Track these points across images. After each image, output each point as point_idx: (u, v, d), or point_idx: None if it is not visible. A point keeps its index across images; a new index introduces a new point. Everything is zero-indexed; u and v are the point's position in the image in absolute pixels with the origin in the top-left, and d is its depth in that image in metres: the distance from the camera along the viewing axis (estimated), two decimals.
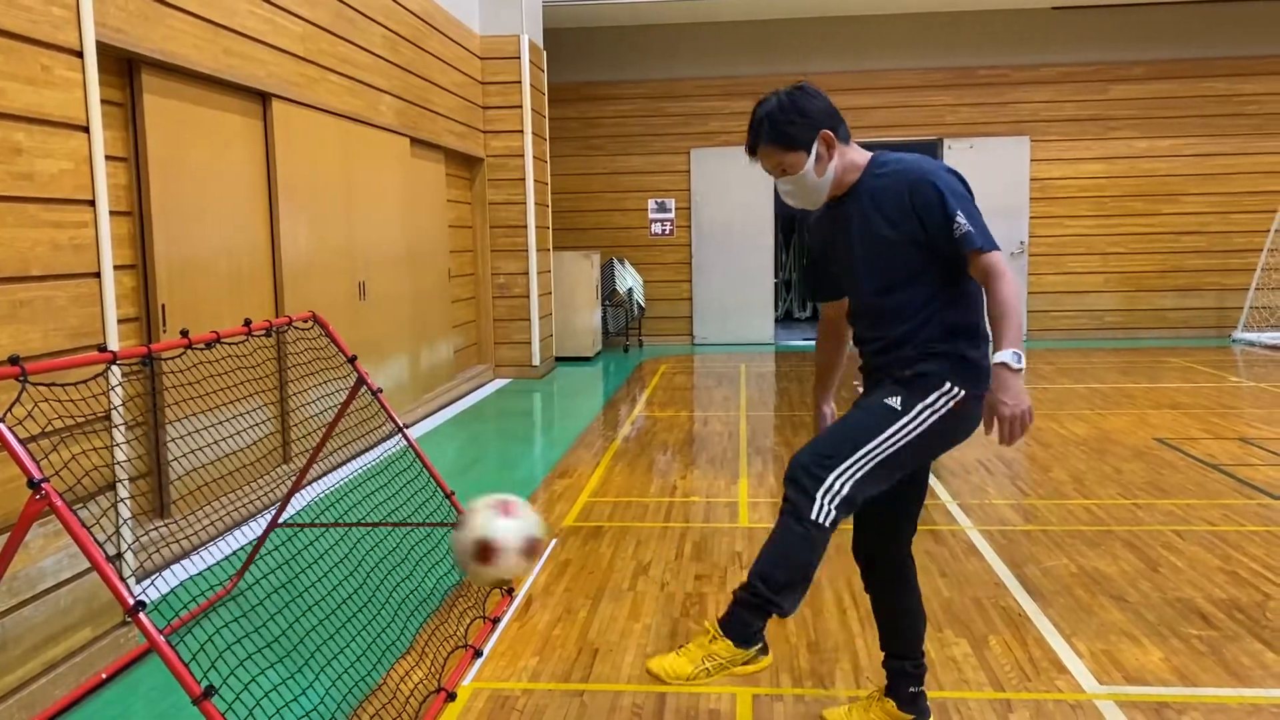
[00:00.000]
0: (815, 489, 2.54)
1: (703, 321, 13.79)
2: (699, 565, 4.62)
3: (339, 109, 6.83)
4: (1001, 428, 2.50)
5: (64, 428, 3.28)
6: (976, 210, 2.62)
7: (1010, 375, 2.49)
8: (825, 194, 2.77)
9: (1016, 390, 2.49)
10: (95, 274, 3.67)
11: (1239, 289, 13.04)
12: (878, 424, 2.61)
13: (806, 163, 2.69)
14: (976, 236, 2.56)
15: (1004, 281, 2.54)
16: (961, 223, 2.57)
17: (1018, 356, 2.49)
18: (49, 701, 3.29)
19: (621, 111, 13.60)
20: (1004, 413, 2.48)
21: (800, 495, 2.56)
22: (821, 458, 2.59)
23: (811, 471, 2.57)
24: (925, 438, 2.63)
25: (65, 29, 3.49)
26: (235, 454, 5.04)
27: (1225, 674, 3.39)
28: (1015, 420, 2.48)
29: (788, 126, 2.67)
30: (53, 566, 3.37)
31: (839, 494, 2.55)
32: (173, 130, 4.97)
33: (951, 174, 2.67)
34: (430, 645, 3.69)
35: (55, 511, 2.41)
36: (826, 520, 2.53)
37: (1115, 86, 13.06)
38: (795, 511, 2.55)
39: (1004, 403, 2.48)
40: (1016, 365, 2.48)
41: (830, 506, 2.54)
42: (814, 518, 2.53)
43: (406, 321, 8.26)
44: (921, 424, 2.62)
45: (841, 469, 2.57)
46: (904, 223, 2.64)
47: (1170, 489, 5.74)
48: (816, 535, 2.54)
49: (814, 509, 2.53)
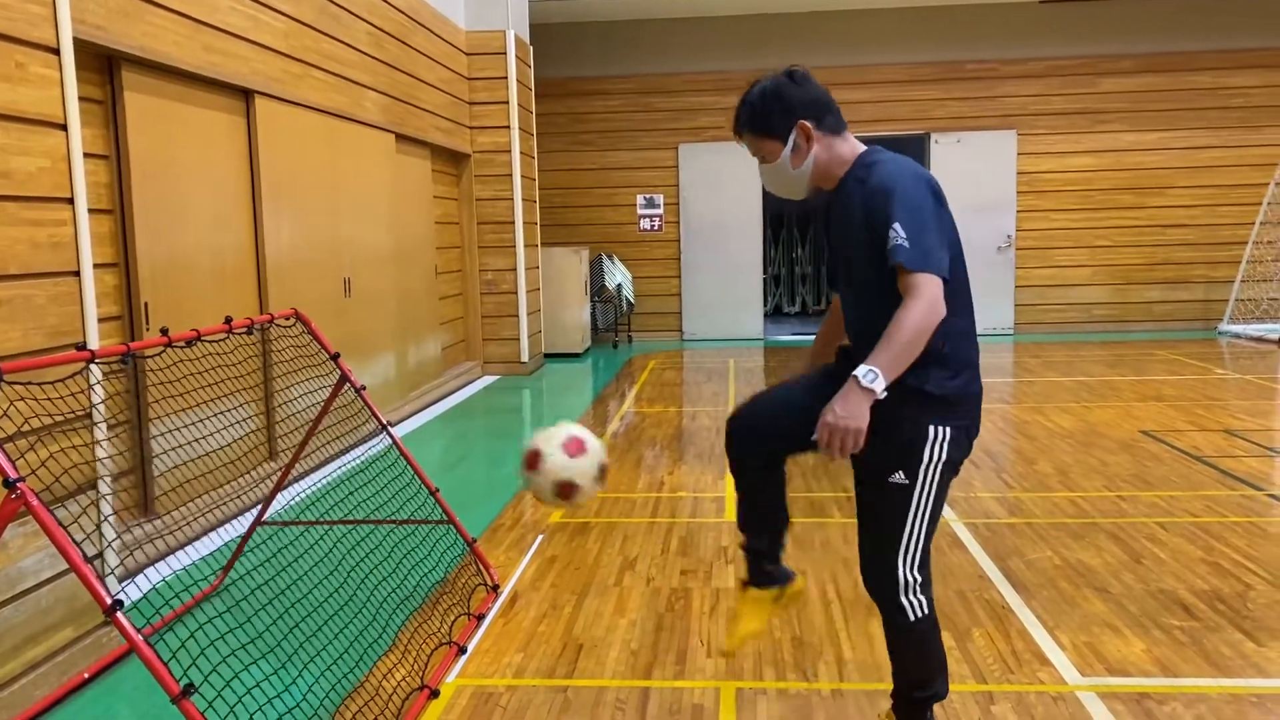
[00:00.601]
0: (898, 595, 2.65)
1: (692, 317, 13.79)
2: (685, 560, 4.62)
3: (323, 106, 6.80)
4: (821, 434, 2.41)
5: (43, 426, 3.27)
6: (928, 227, 2.44)
7: (856, 389, 2.37)
8: (804, 185, 2.70)
9: (852, 405, 2.37)
10: (75, 272, 3.65)
11: (1225, 281, 13.09)
12: (900, 507, 2.59)
13: (783, 152, 2.65)
14: (907, 252, 2.38)
15: (916, 304, 2.37)
16: (896, 232, 2.40)
17: (872, 375, 2.35)
18: (30, 702, 3.28)
19: (609, 107, 13.59)
20: (828, 419, 2.39)
21: (892, 608, 2.68)
22: (880, 567, 2.66)
23: (883, 584, 2.67)
24: (943, 485, 2.62)
25: (41, 26, 3.48)
26: (219, 451, 5.02)
27: (1206, 664, 3.40)
28: (834, 432, 2.38)
29: (766, 114, 2.64)
30: (33, 566, 3.35)
31: (916, 583, 2.65)
32: (155, 128, 4.94)
33: (924, 184, 2.51)
34: (414, 642, 3.68)
35: (31, 511, 2.39)
36: (924, 610, 2.67)
37: (1103, 80, 13.08)
38: (899, 625, 2.69)
39: (834, 410, 2.39)
40: (865, 383, 2.35)
41: (918, 599, 2.66)
42: (914, 620, 2.66)
43: (393, 318, 8.24)
44: (933, 479, 2.58)
45: (902, 565, 2.63)
46: (861, 231, 2.53)
47: (1155, 481, 5.76)
48: (927, 629, 2.70)
49: (909, 613, 2.66)
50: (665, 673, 3.46)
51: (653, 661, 3.55)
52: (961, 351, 2.58)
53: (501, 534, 5.11)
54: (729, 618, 2.92)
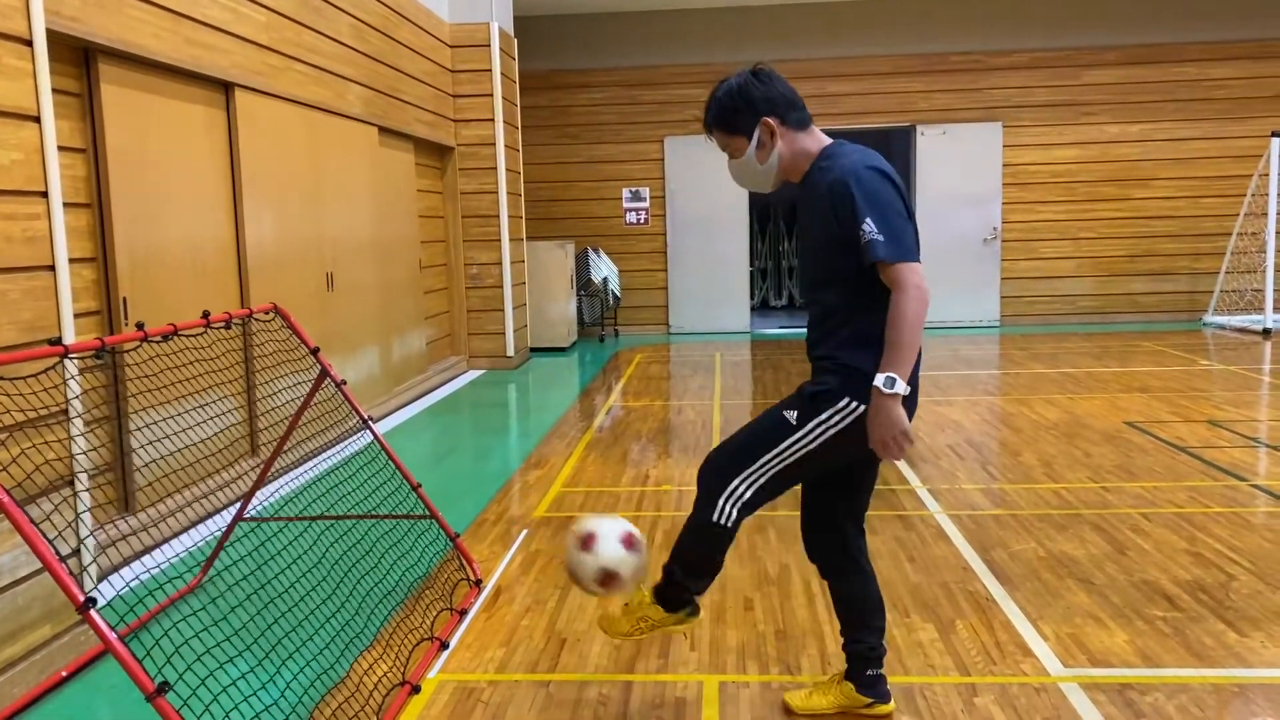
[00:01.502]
0: (719, 491, 2.73)
1: (678, 311, 13.77)
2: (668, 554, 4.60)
3: (305, 99, 6.76)
4: (876, 449, 2.61)
5: (16, 423, 3.23)
6: (895, 217, 2.55)
7: (880, 399, 2.54)
8: (770, 180, 2.81)
9: (885, 414, 2.54)
10: (50, 267, 3.62)
11: (1210, 273, 13.13)
12: (775, 436, 2.71)
13: (748, 149, 2.74)
14: (883, 246, 2.51)
15: (904, 296, 2.50)
16: (868, 229, 2.51)
17: (891, 381, 2.51)
18: (7, 701, 3.25)
19: (594, 100, 13.54)
20: (874, 435, 2.58)
21: (705, 497, 2.76)
22: (728, 462, 2.75)
23: (717, 474, 2.75)
24: (819, 452, 2.68)
25: (13, 17, 3.43)
26: (199, 446, 4.98)
27: (1188, 655, 3.41)
28: (886, 445, 2.57)
29: (731, 113, 2.73)
30: (9, 564, 3.32)
31: (740, 498, 2.73)
32: (133, 121, 4.89)
33: (882, 177, 2.60)
34: (396, 638, 3.66)
35: (2, 508, 2.36)
36: (728, 521, 2.73)
37: (1087, 72, 13.10)
38: (700, 512, 2.77)
39: (874, 425, 2.57)
40: (887, 390, 2.51)
41: (732, 509, 2.73)
42: (716, 519, 2.73)
43: (376, 313, 8.20)
44: (815, 439, 2.67)
45: (743, 475, 2.72)
46: (828, 223, 2.63)
47: (1139, 472, 5.77)
48: (719, 534, 2.76)
49: (715, 511, 2.73)
50: (648, 666, 3.45)
51: (636, 655, 3.54)
52: None
53: (486, 529, 5.09)
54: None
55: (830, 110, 12.97)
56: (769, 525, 4.91)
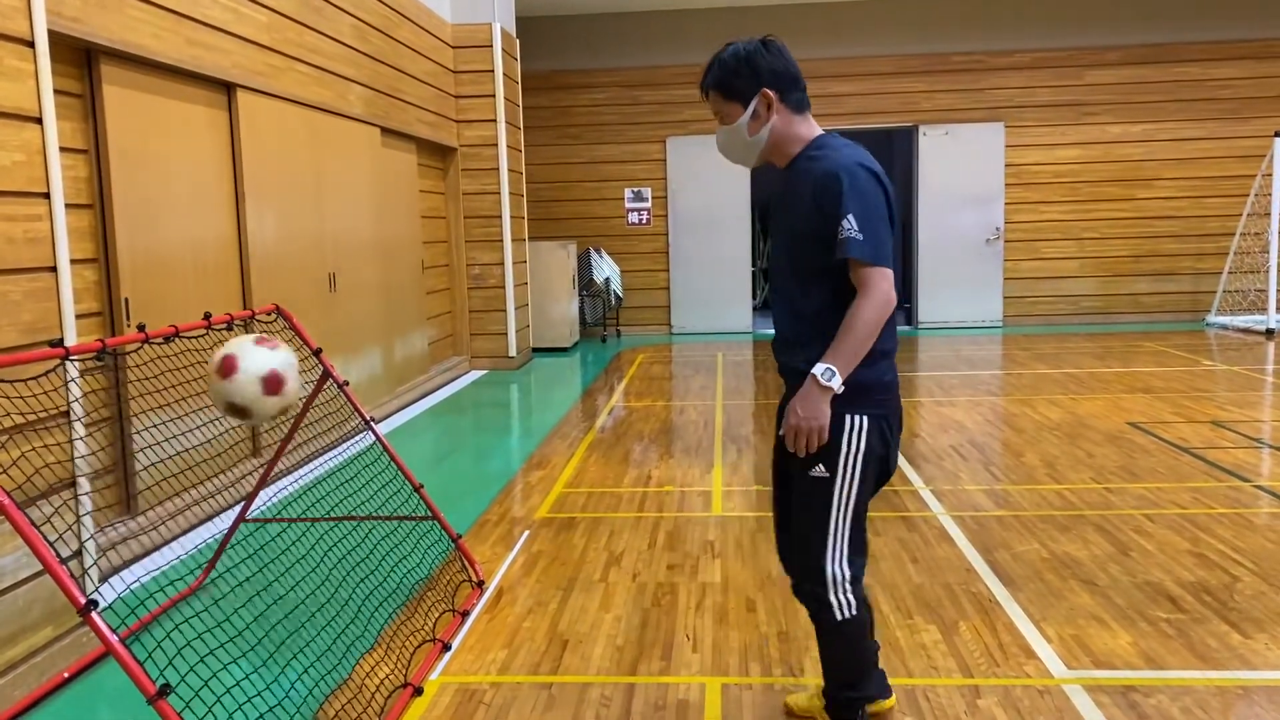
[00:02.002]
0: (825, 593, 2.65)
1: (680, 311, 13.76)
2: (671, 555, 4.60)
3: (307, 99, 6.75)
4: (788, 434, 2.55)
5: (18, 425, 3.22)
6: (877, 221, 2.49)
7: (814, 387, 2.48)
8: (756, 154, 2.73)
9: (812, 403, 2.49)
10: (51, 268, 3.61)
11: (1213, 273, 13.11)
12: (823, 501, 2.62)
13: (742, 117, 2.66)
14: (858, 245, 2.45)
15: (869, 299, 2.46)
16: (848, 225, 2.46)
17: (830, 373, 2.46)
18: (8, 702, 3.24)
19: (596, 100, 13.53)
20: (791, 420, 2.53)
21: (819, 606, 2.68)
22: (809, 559, 2.67)
23: (811, 580, 2.67)
24: (864, 476, 2.62)
25: (14, 18, 3.43)
26: (201, 448, 4.98)
27: (1192, 656, 3.40)
28: (801, 433, 2.52)
29: (733, 76, 2.65)
30: (10, 565, 3.31)
31: (843, 579, 2.65)
32: (134, 122, 4.89)
33: (872, 177, 2.55)
34: (398, 640, 3.66)
35: (3, 510, 2.36)
36: (851, 610, 2.66)
37: (1090, 72, 13.08)
38: (826, 623, 2.69)
39: (796, 411, 2.52)
40: (824, 381, 2.46)
41: (846, 598, 2.66)
42: (841, 616, 2.66)
43: (379, 313, 8.19)
44: (853, 471, 2.60)
45: (829, 560, 2.64)
46: (811, 215, 2.56)
47: (1142, 473, 5.76)
48: (854, 630, 2.69)
49: (836, 611, 2.66)
50: (651, 668, 3.44)
51: (638, 657, 3.53)
52: (881, 343, 2.60)
53: (488, 529, 5.09)
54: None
55: (833, 110, 12.95)
56: (770, 526, 4.89)
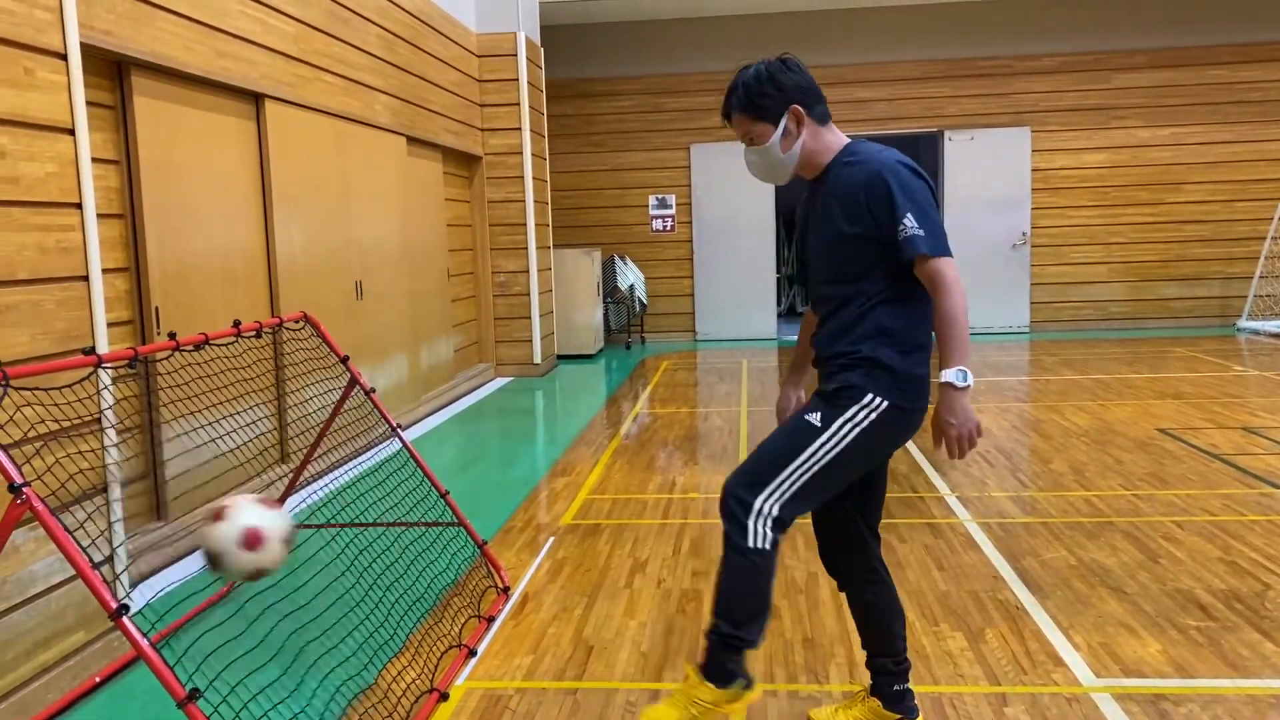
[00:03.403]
0: (745, 516, 2.57)
1: (705, 317, 13.76)
2: (696, 561, 4.60)
3: (334, 109, 6.81)
4: (949, 446, 2.54)
5: (51, 432, 3.27)
6: (932, 213, 2.55)
7: (954, 394, 2.50)
8: (789, 170, 2.75)
9: (961, 409, 2.51)
10: (83, 277, 3.66)
11: (1243, 278, 12.97)
12: (799, 442, 2.60)
13: (773, 135, 2.69)
14: (923, 241, 2.49)
15: (949, 293, 2.49)
16: (908, 224, 2.50)
17: (962, 374, 2.49)
18: (42, 705, 3.29)
19: (620, 108, 13.57)
20: (949, 432, 2.53)
21: (733, 525, 2.59)
22: (748, 482, 2.61)
23: (740, 497, 2.59)
24: (849, 453, 2.59)
25: (48, 31, 3.48)
26: (231, 454, 5.03)
27: (1223, 665, 3.36)
28: (961, 439, 2.52)
29: (759, 97, 2.68)
30: (44, 570, 3.36)
31: (770, 515, 2.57)
32: (164, 132, 4.95)
33: (913, 173, 2.60)
34: (424, 645, 3.68)
35: (37, 516, 2.40)
36: (764, 543, 2.56)
37: (1117, 75, 12.99)
38: (733, 543, 2.59)
39: (949, 422, 2.52)
40: (960, 384, 2.49)
41: (764, 530, 2.56)
42: (751, 544, 2.56)
43: (405, 321, 8.25)
44: (843, 439, 2.58)
45: (768, 492, 2.58)
46: (857, 218, 2.59)
47: (1171, 479, 5.70)
48: (759, 562, 2.56)
49: (749, 536, 2.56)
50: (676, 674, 3.44)
51: (664, 663, 3.53)
52: (916, 334, 2.65)
53: (513, 535, 5.10)
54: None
55: (858, 116, 12.93)
56: (797, 533, 4.88)
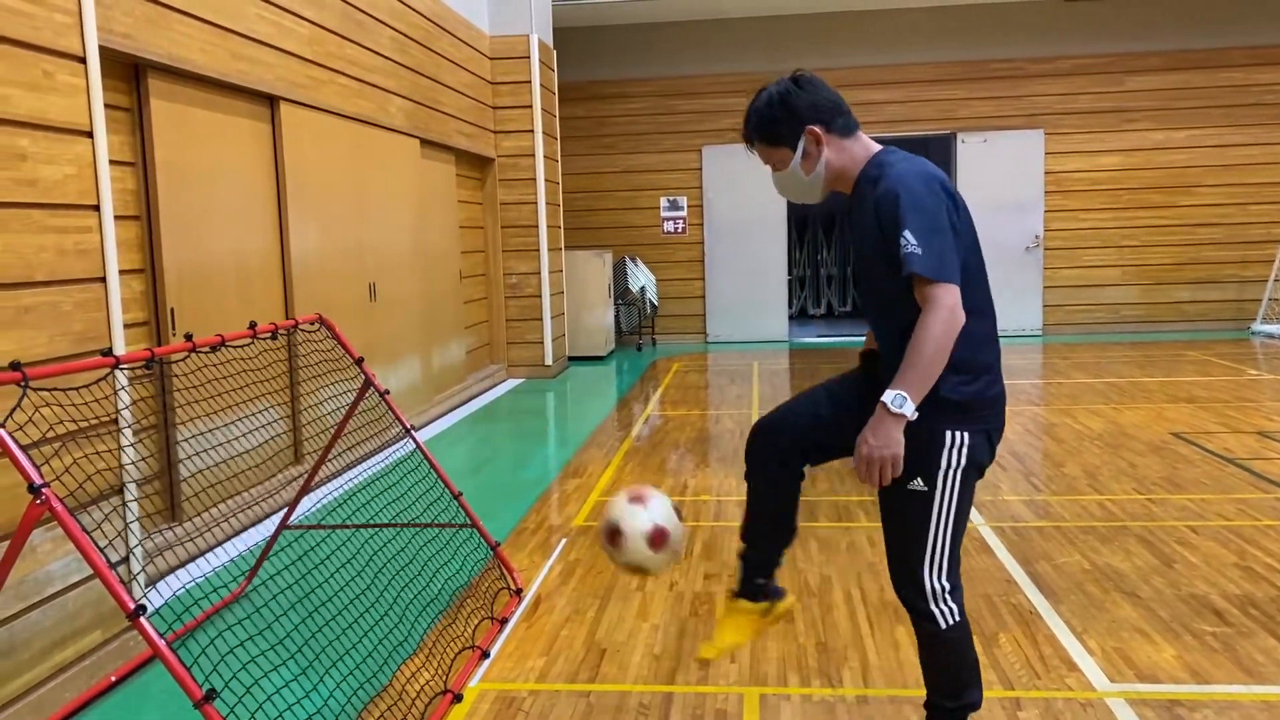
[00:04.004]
0: (927, 605, 2.60)
1: (716, 319, 13.76)
2: (708, 564, 4.60)
3: (348, 111, 6.84)
4: (859, 465, 2.44)
5: (69, 432, 3.29)
6: (938, 232, 2.39)
7: (885, 416, 2.37)
8: (819, 190, 2.68)
9: (884, 433, 2.38)
10: (100, 279, 3.68)
11: (1258, 280, 12.91)
12: (922, 514, 2.55)
13: (793, 160, 2.61)
14: (919, 260, 2.35)
15: (933, 317, 2.34)
16: (907, 240, 2.36)
17: (901, 400, 2.35)
18: (58, 705, 3.31)
19: (632, 110, 13.58)
20: (863, 451, 2.42)
21: (923, 618, 2.62)
22: (909, 580, 2.61)
23: (910, 592, 2.62)
24: (963, 495, 2.56)
25: (67, 35, 3.51)
26: (245, 455, 5.05)
27: (1239, 670, 3.35)
28: (874, 463, 2.41)
29: (772, 124, 2.61)
30: (60, 570, 3.38)
31: (944, 590, 2.60)
32: (180, 134, 4.98)
33: (930, 187, 2.45)
34: (438, 646, 3.69)
35: (55, 516, 2.41)
36: (955, 618, 2.61)
37: (1130, 78, 12.94)
38: (930, 632, 2.63)
39: (868, 441, 2.41)
40: (894, 409, 2.35)
41: (949, 605, 2.60)
42: (946, 627, 2.61)
43: (418, 322, 8.27)
44: (953, 489, 2.53)
45: (928, 573, 2.59)
46: (877, 237, 2.48)
47: (1186, 484, 5.68)
48: (959, 634, 2.63)
49: (940, 621, 2.60)
50: (689, 678, 3.44)
51: (676, 666, 3.54)
52: (980, 356, 2.53)
53: (525, 537, 5.11)
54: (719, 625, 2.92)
55: (870, 118, 12.90)
56: (810, 536, 4.89)
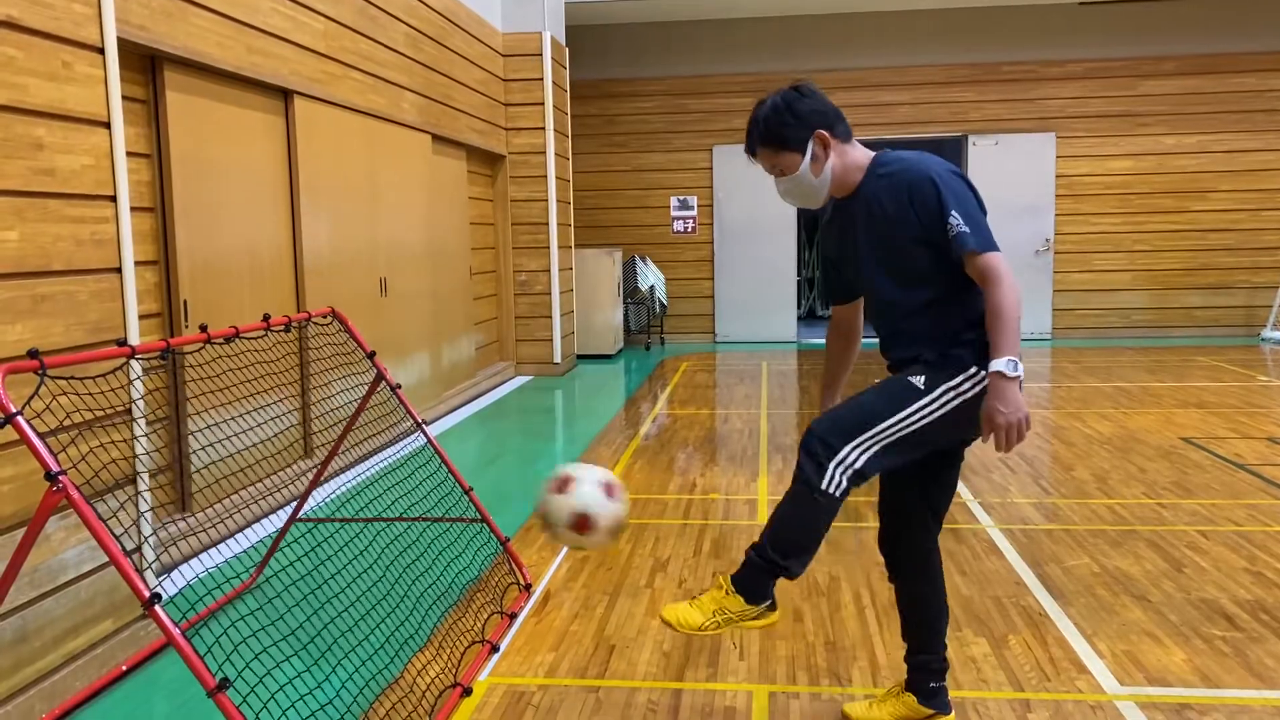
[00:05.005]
0: (829, 459, 2.57)
1: (725, 319, 13.75)
2: (717, 562, 4.61)
3: (361, 106, 6.85)
4: (997, 436, 2.52)
5: (85, 421, 3.31)
6: (977, 210, 2.60)
7: (1005, 383, 2.49)
8: (824, 194, 2.77)
9: (1011, 398, 2.49)
10: (116, 269, 3.70)
11: (1268, 287, 12.87)
12: (899, 401, 2.60)
13: (802, 164, 2.71)
14: (970, 237, 2.53)
15: (1001, 286, 2.51)
16: (955, 222, 2.54)
17: (1013, 364, 2.48)
18: (70, 693, 3.32)
19: (643, 109, 13.59)
20: (998, 420, 2.51)
21: (812, 464, 2.58)
22: (838, 429, 2.60)
23: (826, 441, 2.59)
24: (946, 420, 2.61)
25: (86, 25, 3.52)
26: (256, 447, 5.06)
27: (1249, 675, 3.34)
28: (1011, 428, 2.50)
29: (781, 128, 2.69)
30: (74, 559, 3.39)
31: (851, 465, 2.57)
32: (195, 127, 5.00)
33: (953, 174, 2.64)
34: (448, 640, 3.70)
35: (72, 504, 2.42)
36: (837, 490, 2.57)
37: (1143, 82, 12.91)
38: (807, 479, 2.58)
39: (999, 410, 2.50)
40: (1011, 373, 2.48)
41: (842, 478, 2.57)
42: (824, 487, 2.57)
43: (428, 318, 8.28)
44: (944, 405, 2.60)
45: (857, 441, 2.58)
46: (907, 223, 2.62)
47: (1196, 489, 5.67)
48: (826, 504, 2.58)
49: (825, 479, 2.56)
50: (698, 675, 3.45)
51: (685, 663, 3.54)
52: None
53: (534, 533, 5.12)
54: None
55: (881, 120, 12.91)
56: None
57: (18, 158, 3.20)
